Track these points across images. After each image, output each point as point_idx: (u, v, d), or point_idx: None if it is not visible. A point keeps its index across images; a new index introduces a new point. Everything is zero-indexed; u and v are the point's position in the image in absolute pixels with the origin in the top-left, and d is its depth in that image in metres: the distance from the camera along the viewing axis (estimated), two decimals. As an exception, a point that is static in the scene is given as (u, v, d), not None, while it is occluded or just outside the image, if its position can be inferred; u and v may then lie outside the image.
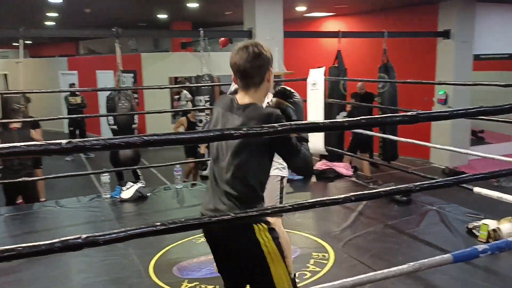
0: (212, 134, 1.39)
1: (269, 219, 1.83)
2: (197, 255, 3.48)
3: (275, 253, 1.80)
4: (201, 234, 3.76)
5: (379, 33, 7.19)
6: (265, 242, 1.80)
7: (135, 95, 10.38)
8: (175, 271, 3.24)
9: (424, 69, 9.09)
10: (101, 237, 1.33)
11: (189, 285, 3.03)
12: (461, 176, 1.93)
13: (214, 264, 3.30)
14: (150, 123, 11.11)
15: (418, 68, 9.15)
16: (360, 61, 9.32)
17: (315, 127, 1.54)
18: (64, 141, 1.24)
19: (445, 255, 1.94)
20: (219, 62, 10.22)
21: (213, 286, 3.01)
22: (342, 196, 1.60)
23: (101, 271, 3.24)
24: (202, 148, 6.18)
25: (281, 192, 2.92)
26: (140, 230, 1.39)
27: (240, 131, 1.40)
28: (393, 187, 1.77)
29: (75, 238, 1.29)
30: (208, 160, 6.03)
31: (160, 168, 7.85)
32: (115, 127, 6.03)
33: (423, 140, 5.42)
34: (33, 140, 5.12)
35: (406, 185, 1.74)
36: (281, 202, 2.87)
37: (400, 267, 1.78)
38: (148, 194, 5.00)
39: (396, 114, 1.56)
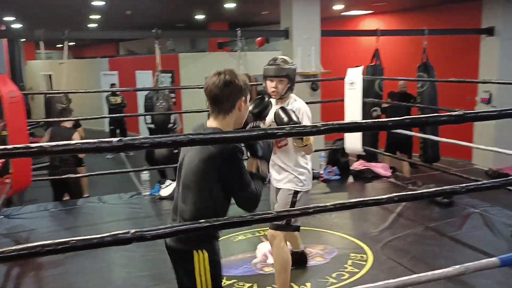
0: (256, 133, 1.41)
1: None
2: (235, 253, 3.52)
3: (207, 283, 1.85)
4: (238, 232, 3.83)
5: (419, 31, 7.01)
6: (200, 270, 1.84)
7: (173, 95, 10.57)
8: (213, 268, 3.28)
9: (466, 67, 8.80)
10: (148, 233, 1.37)
11: (228, 282, 3.07)
12: (510, 178, 1.87)
13: (252, 262, 3.36)
14: (187, 123, 11.29)
15: (460, 67, 8.87)
16: (399, 60, 9.13)
17: (358, 127, 1.53)
18: (115, 139, 1.29)
19: (491, 259, 1.89)
20: (255, 62, 10.29)
21: (251, 284, 3.03)
22: (385, 196, 1.59)
23: (143, 266, 3.33)
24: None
25: (292, 207, 2.76)
26: (185, 226, 1.43)
27: (283, 130, 1.41)
28: (437, 188, 1.74)
29: (124, 233, 1.34)
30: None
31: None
32: (152, 126, 6.18)
33: (465, 140, 5.25)
34: (76, 139, 5.33)
35: (452, 186, 1.70)
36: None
37: (445, 270, 1.74)
38: (186, 192, 5.08)
39: (442, 114, 1.53)
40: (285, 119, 2.42)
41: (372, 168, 5.62)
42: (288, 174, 2.81)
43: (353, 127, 1.52)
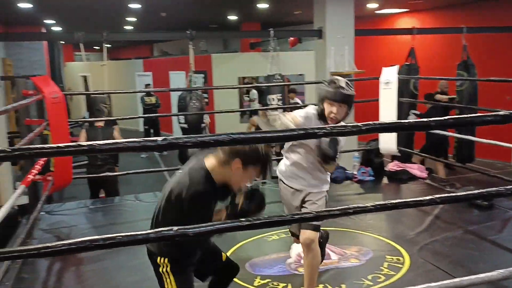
0: (296, 132, 1.42)
1: None
2: (268, 253, 3.53)
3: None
4: (272, 232, 3.84)
5: (458, 28, 6.83)
6: (165, 276, 2.08)
7: (205, 95, 10.70)
8: (247, 267, 3.30)
9: (508, 66, 8.50)
10: (190, 230, 1.40)
11: (262, 281, 3.08)
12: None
13: (286, 262, 3.36)
14: (219, 123, 11.40)
15: (501, 65, 8.58)
16: (436, 59, 8.92)
17: (400, 127, 1.51)
18: (160, 139, 1.32)
19: (537, 264, 1.82)
20: (287, 62, 10.27)
21: (285, 284, 3.04)
22: (427, 198, 1.56)
23: (178, 264, 3.38)
24: None
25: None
26: (226, 224, 1.45)
27: (323, 130, 1.41)
28: (480, 190, 1.69)
29: (167, 230, 1.37)
30: (277, 159, 6.09)
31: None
32: (185, 125, 6.26)
33: (504, 140, 5.06)
34: (115, 138, 5.47)
35: (496, 188, 1.65)
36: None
37: (489, 274, 1.70)
38: (220, 191, 5.13)
39: (487, 114, 1.49)
40: (330, 153, 2.60)
41: (408, 169, 5.52)
42: (322, 175, 2.86)
43: (395, 127, 1.50)
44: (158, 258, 2.07)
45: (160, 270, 2.09)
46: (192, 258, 2.15)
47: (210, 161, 2.03)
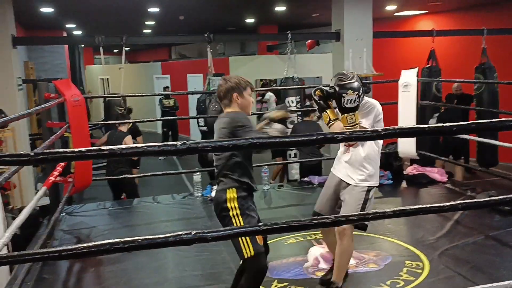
0: (315, 137, 1.41)
1: None
2: (286, 256, 3.52)
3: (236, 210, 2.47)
4: (289, 235, 3.83)
5: (478, 30, 6.71)
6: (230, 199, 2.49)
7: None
8: (265, 270, 3.30)
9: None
10: (209, 234, 1.41)
11: (279, 285, 3.08)
12: None
13: (304, 266, 3.35)
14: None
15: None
16: (456, 61, 8.78)
17: (420, 131, 1.49)
18: (179, 143, 1.33)
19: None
20: (305, 65, 10.25)
21: (303, 288, 3.02)
22: (448, 203, 1.53)
23: (196, 266, 3.40)
24: None
25: (365, 204, 2.86)
26: (244, 229, 1.45)
27: (343, 135, 1.41)
28: (505, 196, 1.65)
29: (186, 234, 1.38)
30: (296, 162, 6.08)
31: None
32: (205, 128, 6.29)
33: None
34: (126, 142, 5.52)
35: (520, 194, 1.62)
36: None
37: (511, 281, 1.66)
38: (237, 194, 5.14)
39: (510, 119, 1.46)
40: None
41: (427, 173, 5.44)
42: (360, 171, 2.89)
43: (414, 132, 1.49)
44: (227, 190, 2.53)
45: (230, 213, 2.47)
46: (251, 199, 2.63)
47: (225, 110, 2.73)
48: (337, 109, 2.87)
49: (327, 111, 2.87)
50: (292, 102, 6.24)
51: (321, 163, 6.09)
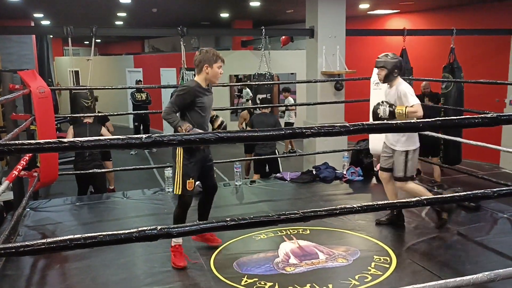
0: (283, 132, 1.40)
1: None
2: (256, 252, 3.51)
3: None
4: (260, 231, 3.82)
5: (448, 30, 6.87)
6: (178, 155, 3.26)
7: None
8: (235, 266, 3.28)
9: (495, 69, 8.58)
10: (175, 229, 1.38)
11: (249, 280, 3.07)
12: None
13: (274, 261, 3.35)
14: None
15: (489, 68, 8.66)
16: (425, 60, 8.96)
17: (389, 128, 1.50)
18: (144, 136, 1.30)
19: (523, 266, 1.83)
20: (279, 60, 10.27)
21: (272, 284, 3.02)
22: (413, 199, 1.55)
23: (165, 262, 3.35)
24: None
25: (405, 165, 3.68)
26: (211, 224, 1.43)
27: (312, 130, 1.40)
28: (468, 192, 1.69)
29: (151, 229, 1.35)
30: (270, 157, 6.09)
31: (219, 165, 7.99)
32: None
33: (492, 143, 5.10)
34: (102, 135, 5.42)
35: (483, 190, 1.65)
36: (405, 172, 3.70)
37: (475, 276, 1.70)
38: (209, 190, 5.10)
39: (476, 116, 1.48)
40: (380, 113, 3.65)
41: (397, 170, 5.52)
42: (397, 136, 3.73)
43: (383, 128, 1.49)
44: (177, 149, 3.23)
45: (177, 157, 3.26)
46: (197, 155, 3.32)
47: (196, 77, 3.30)
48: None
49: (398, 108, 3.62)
50: (259, 99, 6.27)
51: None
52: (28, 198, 4.22)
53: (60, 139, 1.19)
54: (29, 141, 1.17)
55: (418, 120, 1.40)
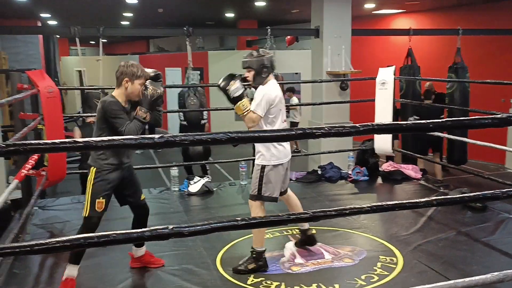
0: (294, 132, 1.41)
1: None
2: (262, 251, 3.52)
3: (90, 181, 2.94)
4: (266, 231, 3.83)
5: (454, 30, 6.86)
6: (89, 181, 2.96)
7: (201, 92, 10.64)
8: (241, 265, 3.30)
9: (501, 69, 8.56)
10: (186, 229, 1.39)
11: (255, 280, 3.08)
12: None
13: (280, 260, 3.36)
14: (214, 120, 11.38)
15: (495, 68, 8.63)
16: (431, 60, 8.95)
17: (398, 128, 1.51)
18: (156, 136, 1.31)
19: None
20: (284, 60, 10.26)
21: (278, 283, 3.03)
22: (423, 200, 1.56)
23: (172, 261, 3.38)
24: None
25: (260, 181, 3.16)
26: (222, 224, 1.44)
27: (321, 130, 1.41)
28: (477, 193, 1.69)
29: (163, 228, 1.37)
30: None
31: (224, 164, 8.02)
32: (184, 122, 6.24)
33: (498, 143, 5.08)
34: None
35: (492, 191, 1.66)
36: (259, 190, 3.17)
37: (483, 276, 1.70)
38: (214, 189, 5.13)
39: (485, 117, 1.49)
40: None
41: (402, 170, 5.53)
42: (256, 150, 3.23)
43: (392, 129, 1.50)
44: (91, 168, 2.95)
45: (88, 177, 2.97)
46: (110, 175, 2.97)
47: (114, 92, 2.98)
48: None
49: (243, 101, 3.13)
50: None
51: None
52: (36, 197, 4.25)
53: (75, 139, 1.21)
54: (44, 141, 1.19)
55: (429, 121, 1.41)
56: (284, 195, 3.45)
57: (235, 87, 3.06)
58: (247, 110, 3.08)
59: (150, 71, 3.01)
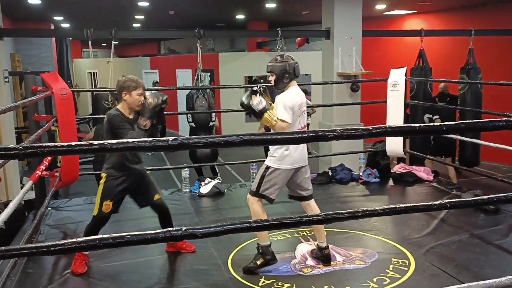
0: (306, 135, 1.42)
1: None
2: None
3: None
4: (277, 232, 3.84)
5: (466, 31, 6.79)
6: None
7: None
8: (252, 267, 3.30)
9: (515, 70, 8.46)
10: (199, 230, 1.41)
11: (266, 281, 3.09)
12: None
13: (291, 262, 3.36)
14: (225, 122, 11.40)
15: (508, 69, 8.53)
16: (443, 61, 8.87)
17: (412, 131, 1.50)
18: (170, 139, 1.33)
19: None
20: (294, 62, 10.25)
21: (290, 285, 3.03)
22: (436, 202, 1.55)
23: (183, 262, 3.40)
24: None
25: (261, 179, 3.24)
26: (234, 225, 1.45)
27: (334, 133, 1.41)
28: (491, 196, 1.68)
29: (176, 230, 1.38)
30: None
31: (235, 166, 8.03)
32: (193, 124, 6.26)
33: (510, 144, 5.02)
34: None
35: (507, 193, 1.64)
36: (258, 187, 3.25)
37: (497, 280, 1.69)
38: (225, 190, 5.15)
39: (499, 119, 1.48)
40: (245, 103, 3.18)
41: (414, 172, 5.50)
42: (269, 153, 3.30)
43: (405, 131, 1.50)
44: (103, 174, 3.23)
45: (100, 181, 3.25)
46: (116, 182, 3.22)
47: (118, 106, 3.25)
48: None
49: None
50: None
51: None
52: (50, 198, 4.31)
53: (90, 142, 1.23)
54: (61, 144, 1.21)
55: (442, 123, 1.40)
56: (304, 202, 3.43)
57: (257, 101, 3.12)
58: (275, 120, 3.10)
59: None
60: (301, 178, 3.33)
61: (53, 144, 1.22)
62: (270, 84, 3.36)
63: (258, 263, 3.20)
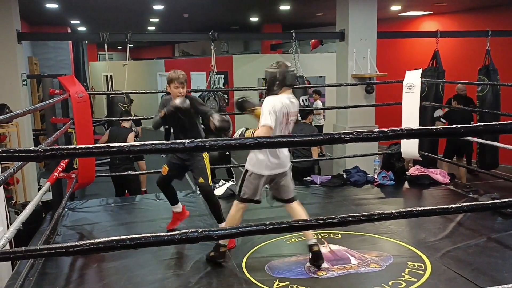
0: (322, 137, 1.42)
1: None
2: (287, 255, 3.52)
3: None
4: (291, 234, 3.83)
5: (483, 32, 6.72)
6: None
7: (225, 95, 10.71)
8: (266, 269, 3.30)
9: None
10: (215, 232, 1.41)
11: (281, 284, 3.08)
12: None
13: (306, 265, 3.35)
14: (239, 124, 11.41)
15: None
16: (459, 63, 8.77)
17: (429, 133, 1.49)
18: (187, 141, 1.34)
19: None
20: (308, 64, 10.24)
21: (304, 287, 3.02)
22: (453, 206, 1.54)
23: (198, 264, 3.41)
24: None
25: (242, 182, 3.35)
26: (250, 228, 1.46)
27: (350, 135, 1.41)
28: (510, 199, 1.65)
29: (192, 232, 1.39)
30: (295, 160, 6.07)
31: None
32: (202, 126, 6.29)
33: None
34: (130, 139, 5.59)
35: (525, 197, 1.62)
36: (239, 191, 3.38)
37: (516, 284, 1.66)
38: (239, 192, 5.15)
39: (518, 122, 1.46)
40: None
41: (430, 174, 5.44)
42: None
43: (422, 134, 1.49)
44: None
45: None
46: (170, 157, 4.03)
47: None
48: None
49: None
50: (302, 101, 6.22)
51: (313, 166, 6.10)
52: (67, 199, 4.37)
53: (108, 145, 1.24)
54: (80, 146, 1.23)
55: (459, 126, 1.39)
56: (288, 204, 3.45)
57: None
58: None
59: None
60: (279, 185, 3.38)
61: (72, 146, 1.24)
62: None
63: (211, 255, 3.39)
